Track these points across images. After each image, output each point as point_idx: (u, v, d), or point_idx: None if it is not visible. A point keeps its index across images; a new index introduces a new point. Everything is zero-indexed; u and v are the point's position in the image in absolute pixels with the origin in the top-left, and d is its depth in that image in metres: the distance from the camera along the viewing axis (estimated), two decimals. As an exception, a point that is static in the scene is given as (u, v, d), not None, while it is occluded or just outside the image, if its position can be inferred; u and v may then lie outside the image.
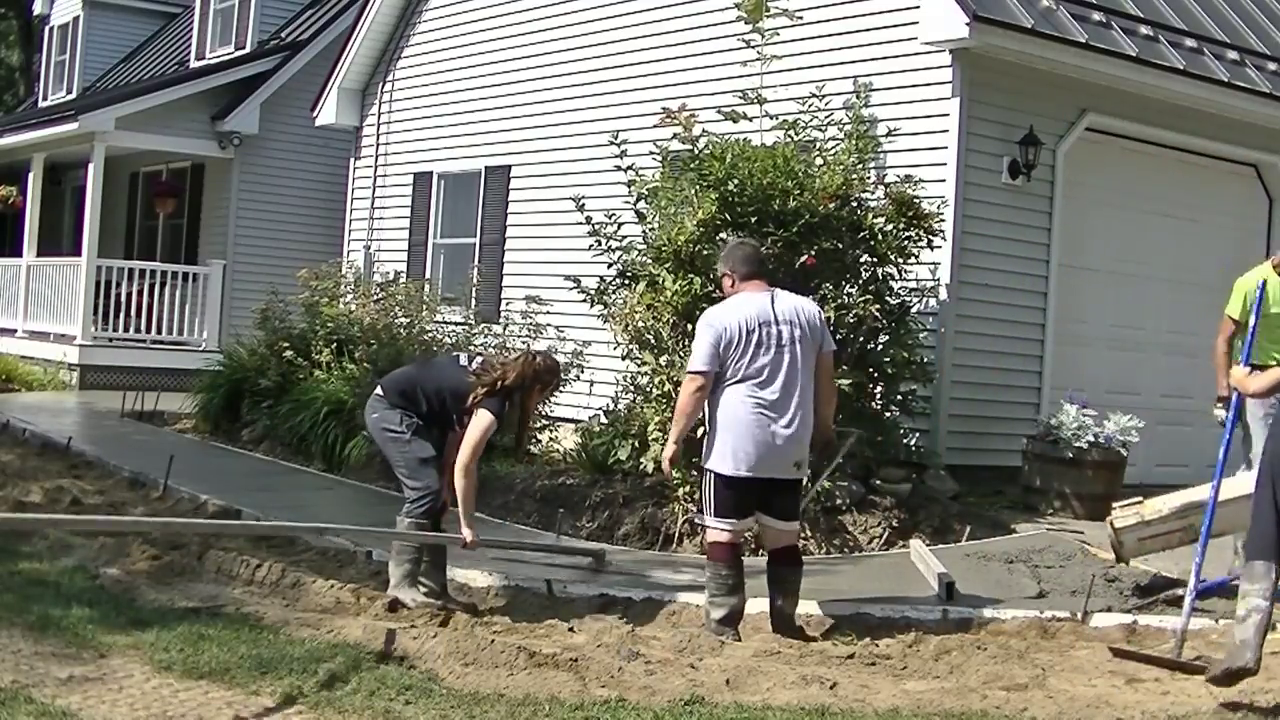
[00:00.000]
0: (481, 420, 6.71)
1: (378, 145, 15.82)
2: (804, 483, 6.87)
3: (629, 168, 9.36)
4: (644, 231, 9.25)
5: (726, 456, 6.34)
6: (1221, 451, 6.35)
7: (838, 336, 8.14)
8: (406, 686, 5.15)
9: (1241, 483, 6.65)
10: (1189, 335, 11.17)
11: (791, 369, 6.34)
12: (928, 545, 8.01)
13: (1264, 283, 7.16)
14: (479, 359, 7.14)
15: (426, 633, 5.92)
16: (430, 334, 11.71)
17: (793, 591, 6.51)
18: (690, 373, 6.44)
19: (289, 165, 18.51)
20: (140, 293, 17.98)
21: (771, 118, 9.63)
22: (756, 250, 6.83)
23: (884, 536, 8.38)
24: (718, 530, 6.42)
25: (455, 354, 7.63)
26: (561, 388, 7.28)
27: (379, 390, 7.07)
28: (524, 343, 11.50)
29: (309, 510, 9.43)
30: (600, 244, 9.39)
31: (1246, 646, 5.32)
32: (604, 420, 9.99)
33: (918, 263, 9.35)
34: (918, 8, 9.87)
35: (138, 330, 17.93)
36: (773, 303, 6.44)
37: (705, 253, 8.78)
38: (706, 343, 6.36)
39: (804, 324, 6.42)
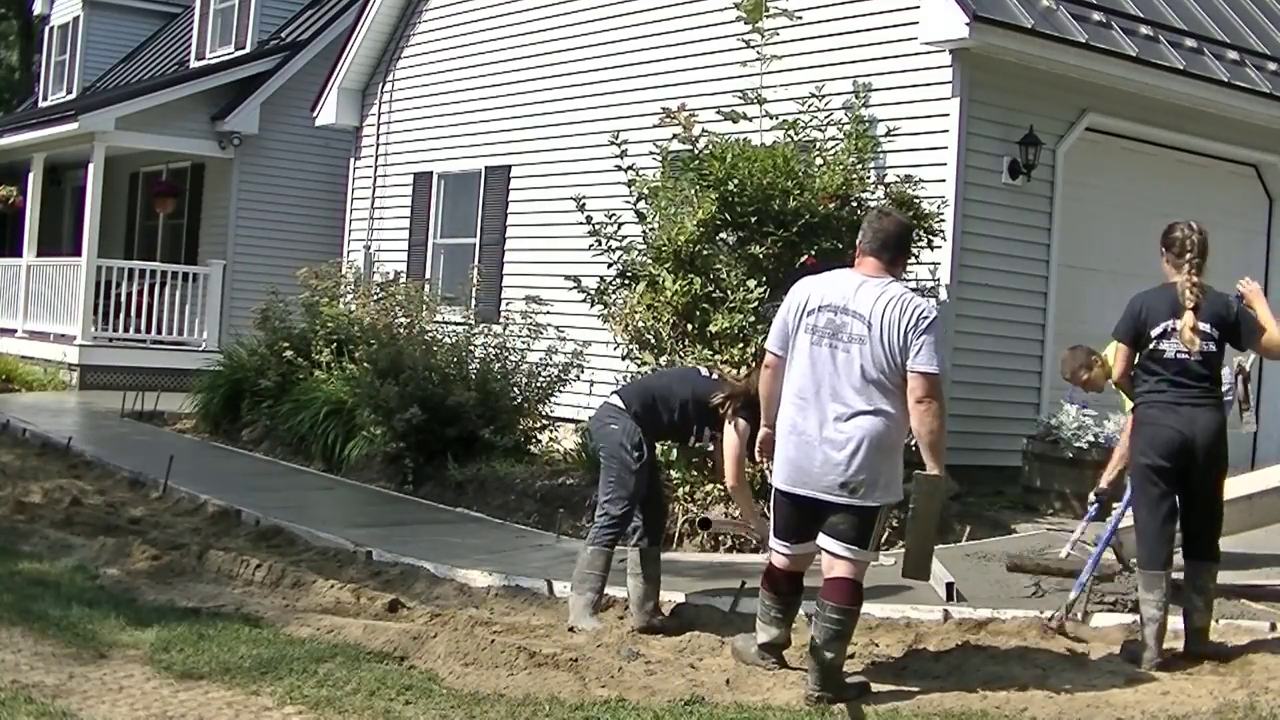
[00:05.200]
0: (740, 431, 6.37)
1: (378, 145, 15.81)
2: (882, 511, 5.50)
3: (629, 168, 9.36)
4: (644, 231, 9.25)
5: (777, 465, 5.58)
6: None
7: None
8: (406, 686, 5.15)
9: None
10: (1189, 335, 11.14)
11: (845, 370, 5.36)
12: (928, 545, 8.00)
13: None
14: (725, 383, 6.74)
15: (427, 633, 5.92)
16: (430, 334, 11.72)
17: (833, 636, 5.33)
18: (763, 349, 5.83)
19: (289, 165, 18.51)
20: (140, 293, 17.99)
21: (771, 118, 9.63)
22: (899, 228, 5.69)
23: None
24: (772, 552, 5.74)
25: (697, 367, 7.43)
26: None
27: (618, 401, 6.67)
28: (524, 343, 11.50)
29: (310, 510, 9.44)
30: (600, 244, 9.39)
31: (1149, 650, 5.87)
32: (604, 420, 9.98)
33: (918, 263, 9.36)
34: (918, 8, 9.86)
35: (138, 330, 17.94)
36: (857, 289, 5.43)
37: (705, 252, 8.79)
38: (778, 317, 5.62)
39: (884, 324, 5.32)
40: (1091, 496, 7.58)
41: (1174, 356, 5.99)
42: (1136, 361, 6.18)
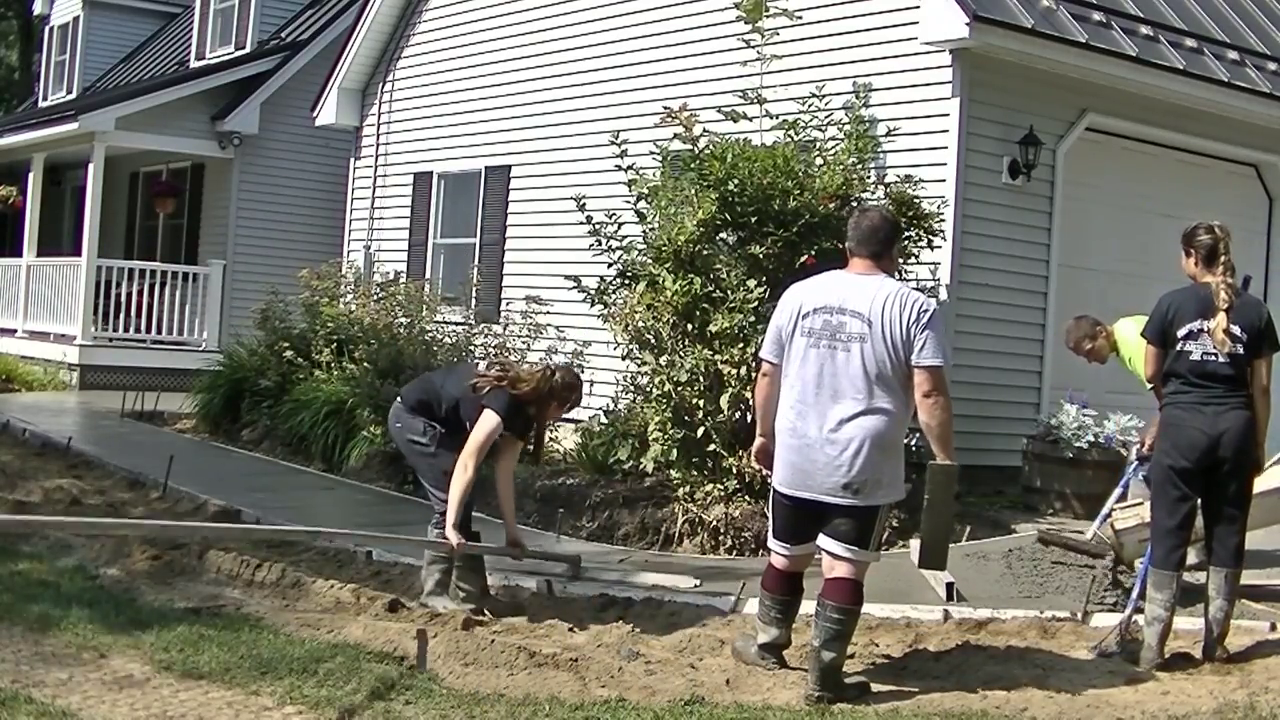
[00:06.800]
0: (486, 421, 6.59)
1: (378, 145, 15.81)
2: (882, 510, 5.57)
3: (629, 167, 9.36)
4: (644, 231, 9.25)
5: (777, 467, 5.59)
6: None
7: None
8: (406, 686, 5.15)
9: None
10: (1189, 335, 11.15)
11: (845, 370, 5.35)
12: (928, 545, 8.00)
13: None
14: (496, 365, 6.95)
15: (427, 633, 5.91)
16: (430, 334, 11.71)
17: (833, 636, 5.35)
18: (759, 358, 5.81)
19: (289, 165, 18.51)
20: (140, 293, 18.00)
21: (772, 118, 9.63)
22: (880, 222, 5.66)
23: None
24: (772, 553, 5.79)
25: (477, 360, 7.58)
26: (580, 403, 7.09)
27: (400, 398, 7.03)
28: (524, 343, 11.50)
29: (310, 510, 9.45)
30: (600, 244, 9.39)
31: (1150, 650, 5.90)
32: (604, 420, 10.00)
33: (918, 263, 9.36)
34: (918, 8, 9.86)
35: (138, 330, 17.94)
36: (853, 289, 5.46)
37: (705, 252, 8.79)
38: (771, 324, 5.63)
39: (884, 321, 5.33)
40: (1133, 456, 7.46)
41: (1200, 358, 5.94)
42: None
